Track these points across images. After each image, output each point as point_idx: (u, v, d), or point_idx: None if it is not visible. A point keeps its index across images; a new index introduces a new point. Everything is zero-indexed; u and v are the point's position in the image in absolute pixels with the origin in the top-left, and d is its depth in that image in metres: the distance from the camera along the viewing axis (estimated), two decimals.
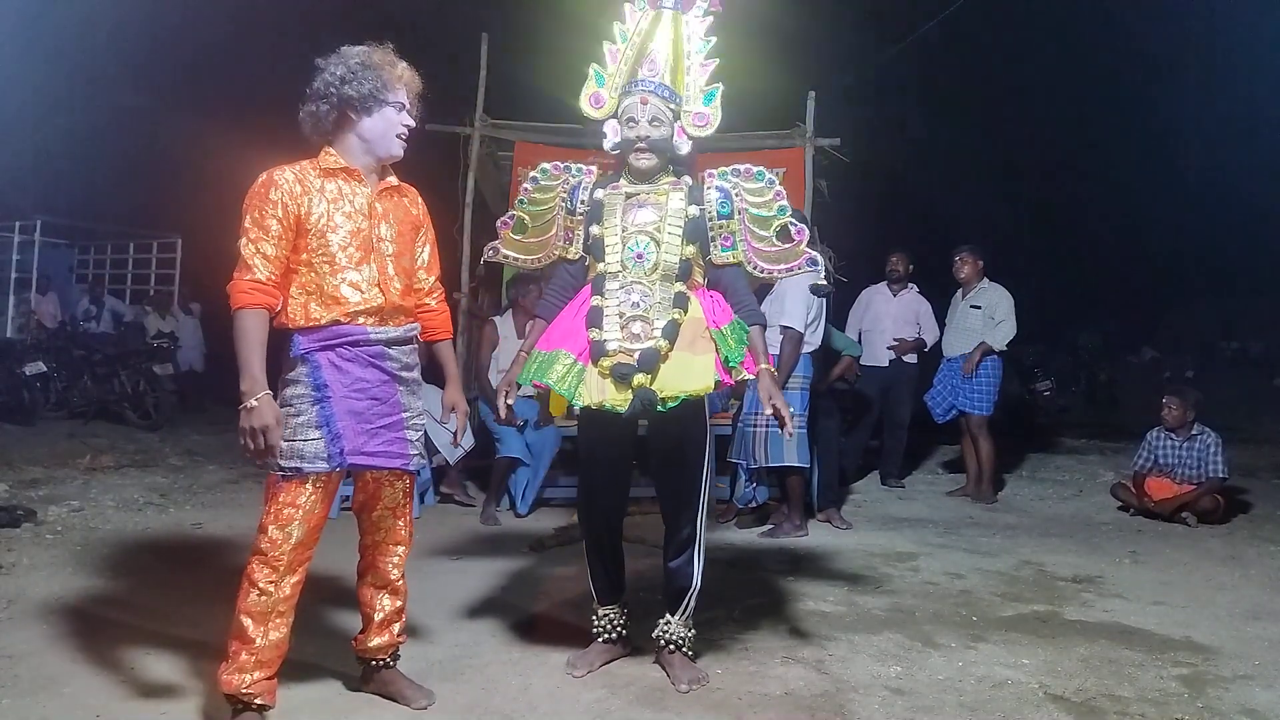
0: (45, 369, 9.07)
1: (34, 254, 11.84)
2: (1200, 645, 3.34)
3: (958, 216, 16.27)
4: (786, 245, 2.87)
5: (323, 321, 2.41)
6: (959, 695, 2.83)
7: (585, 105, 2.96)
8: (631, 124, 2.82)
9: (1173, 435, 5.77)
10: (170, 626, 3.23)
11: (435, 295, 2.76)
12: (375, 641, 2.69)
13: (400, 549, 2.69)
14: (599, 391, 2.75)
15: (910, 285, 6.82)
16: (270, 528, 2.37)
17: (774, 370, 2.88)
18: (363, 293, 2.44)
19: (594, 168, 3.02)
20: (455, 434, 2.80)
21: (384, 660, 2.72)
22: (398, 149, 2.54)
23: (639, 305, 2.80)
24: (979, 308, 6.30)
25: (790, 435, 2.85)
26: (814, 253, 2.92)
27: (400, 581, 2.71)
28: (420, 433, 2.62)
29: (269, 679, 2.44)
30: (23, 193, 12.05)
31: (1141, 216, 22.51)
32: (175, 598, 3.60)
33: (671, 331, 2.76)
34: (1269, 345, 19.38)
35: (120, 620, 3.33)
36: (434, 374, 2.92)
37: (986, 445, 6.26)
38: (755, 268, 2.91)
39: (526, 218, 3.06)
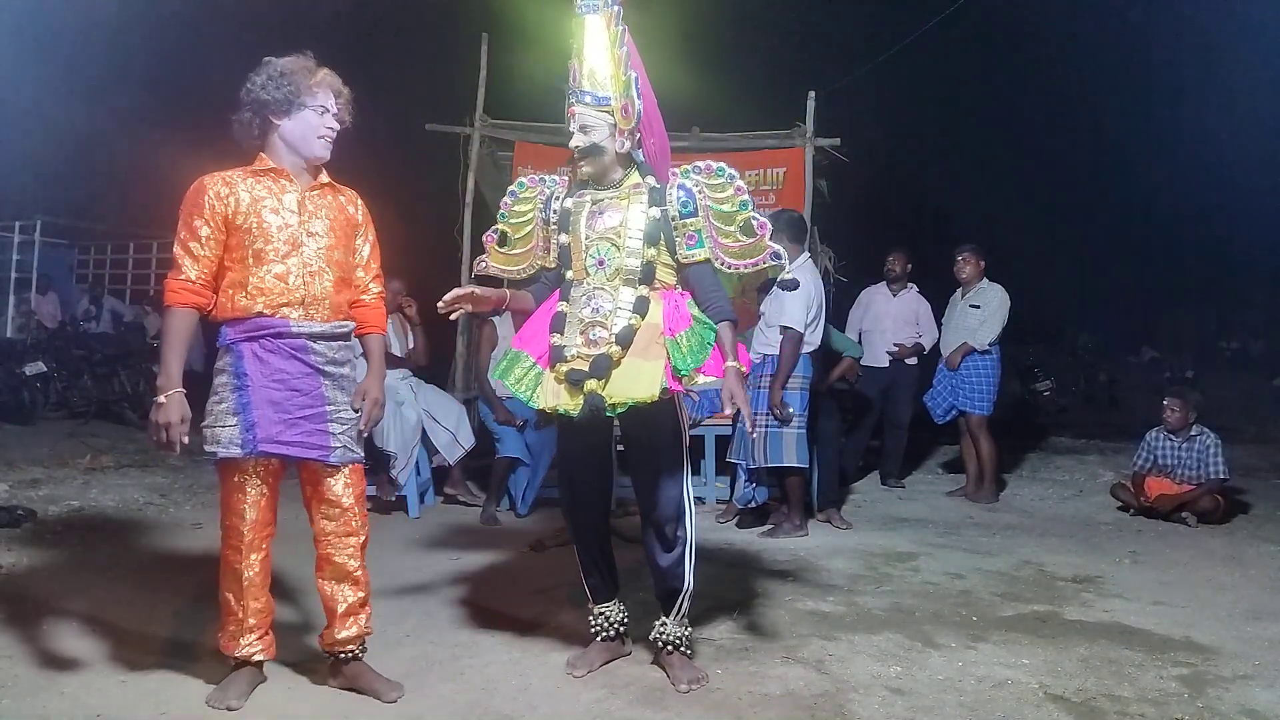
0: (45, 369, 9.06)
1: (34, 254, 11.85)
2: (1200, 645, 3.34)
3: (958, 216, 16.27)
4: (750, 240, 2.86)
5: (248, 313, 2.54)
6: (959, 695, 2.83)
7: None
8: (571, 136, 2.88)
9: (1172, 435, 5.77)
10: (171, 626, 3.24)
11: (371, 293, 2.82)
12: (341, 634, 2.71)
13: (354, 539, 2.70)
14: (554, 396, 2.82)
15: (910, 285, 6.82)
16: (228, 514, 2.60)
17: (741, 368, 2.83)
18: (287, 285, 2.56)
19: (566, 177, 3.05)
20: (362, 424, 2.69)
21: (351, 653, 2.74)
22: (319, 149, 2.63)
23: (599, 311, 2.84)
24: (978, 308, 6.29)
25: (753, 434, 2.88)
26: (776, 246, 2.90)
27: (359, 572, 2.73)
28: (347, 426, 2.64)
29: (261, 637, 2.67)
30: (23, 193, 12.04)
31: (1142, 216, 22.51)
32: (175, 597, 3.60)
33: (626, 337, 2.77)
34: (1269, 345, 19.38)
35: (120, 620, 3.33)
36: (433, 375, 2.94)
37: (986, 445, 6.26)
38: (722, 264, 2.90)
39: (509, 230, 3.15)
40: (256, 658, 2.65)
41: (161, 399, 2.46)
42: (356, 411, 2.66)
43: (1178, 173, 20.73)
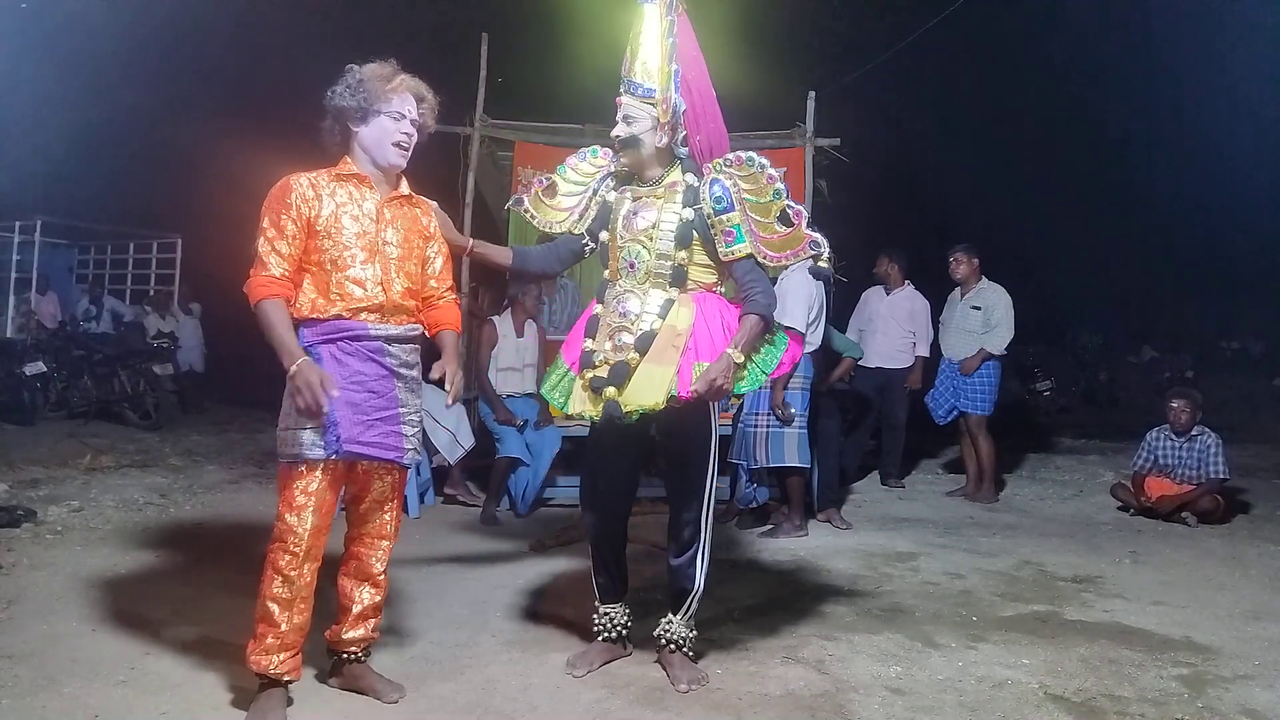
0: (45, 369, 9.06)
1: (34, 254, 11.83)
2: (1200, 645, 3.34)
3: (958, 216, 16.25)
4: (788, 230, 2.80)
5: (327, 315, 2.53)
6: (959, 695, 2.83)
7: None
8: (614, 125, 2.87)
9: (1173, 435, 5.77)
10: (170, 626, 3.24)
11: (447, 298, 2.84)
12: (351, 634, 2.72)
13: (385, 543, 2.74)
14: (580, 401, 2.85)
15: (907, 284, 6.82)
16: (286, 515, 2.50)
17: (735, 356, 2.75)
18: (365, 290, 2.56)
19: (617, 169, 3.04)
20: (449, 400, 2.74)
21: (356, 654, 2.74)
22: (394, 157, 2.62)
23: (626, 314, 2.84)
24: (978, 308, 6.29)
25: (719, 421, 2.88)
26: (815, 234, 2.83)
27: (382, 576, 2.75)
28: (416, 429, 2.69)
29: (294, 656, 2.56)
30: (23, 193, 12.03)
31: (1142, 216, 22.50)
32: (175, 598, 3.60)
33: (645, 343, 2.78)
34: (1269, 345, 19.38)
35: (120, 620, 3.33)
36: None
37: (986, 445, 6.26)
38: (765, 257, 2.84)
39: (560, 182, 3.12)
40: (286, 678, 2.55)
41: (294, 368, 2.42)
42: (448, 407, 2.78)
43: (1178, 172, 20.73)
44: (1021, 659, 3.15)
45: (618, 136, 2.86)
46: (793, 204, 2.83)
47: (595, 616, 3.07)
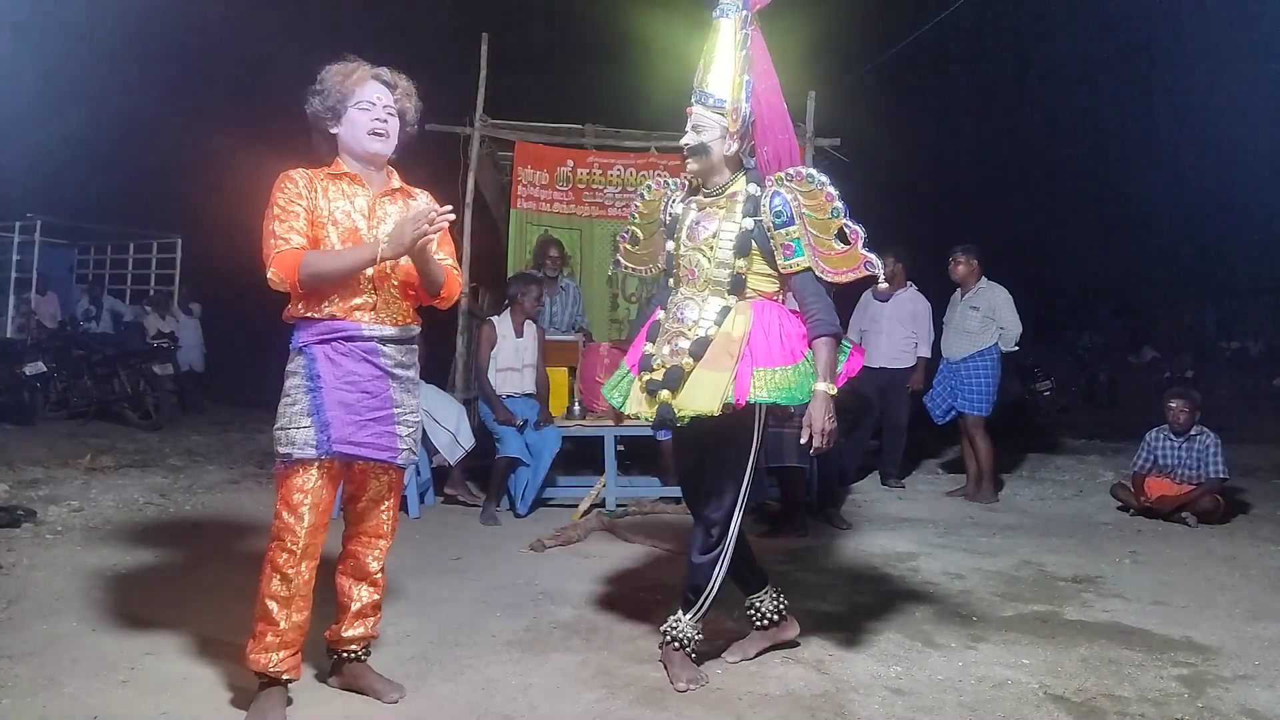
0: (45, 369, 9.06)
1: (34, 254, 11.83)
2: (1200, 645, 3.34)
3: (958, 216, 16.27)
4: (845, 248, 2.81)
5: (321, 314, 2.53)
6: (959, 695, 2.83)
7: None
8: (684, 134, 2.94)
9: (1172, 435, 5.77)
10: (170, 626, 3.23)
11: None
12: (349, 632, 2.72)
13: (381, 542, 2.74)
14: (637, 403, 2.93)
15: (909, 284, 6.82)
16: (284, 514, 2.50)
17: (830, 390, 2.76)
18: (358, 288, 2.55)
19: (685, 180, 3.09)
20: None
21: (354, 653, 2.74)
22: (372, 145, 2.60)
23: (684, 320, 2.90)
24: (977, 308, 6.29)
25: (814, 449, 2.86)
26: (870, 255, 2.80)
27: (379, 575, 2.75)
28: (412, 429, 2.68)
29: (293, 655, 2.55)
30: (23, 193, 12.04)
31: (1142, 217, 22.52)
32: (175, 598, 3.60)
33: (699, 349, 2.81)
34: (1269, 345, 19.40)
35: (120, 620, 3.33)
36: (433, 374, 2.94)
37: (984, 445, 6.26)
38: (823, 272, 2.84)
39: (639, 231, 3.30)
40: (285, 677, 2.53)
41: (382, 248, 2.44)
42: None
43: (1178, 173, 20.75)
44: (1021, 659, 3.15)
45: (686, 144, 2.91)
46: (850, 223, 2.82)
47: (748, 610, 3.13)
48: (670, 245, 3.03)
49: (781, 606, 3.14)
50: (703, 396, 2.76)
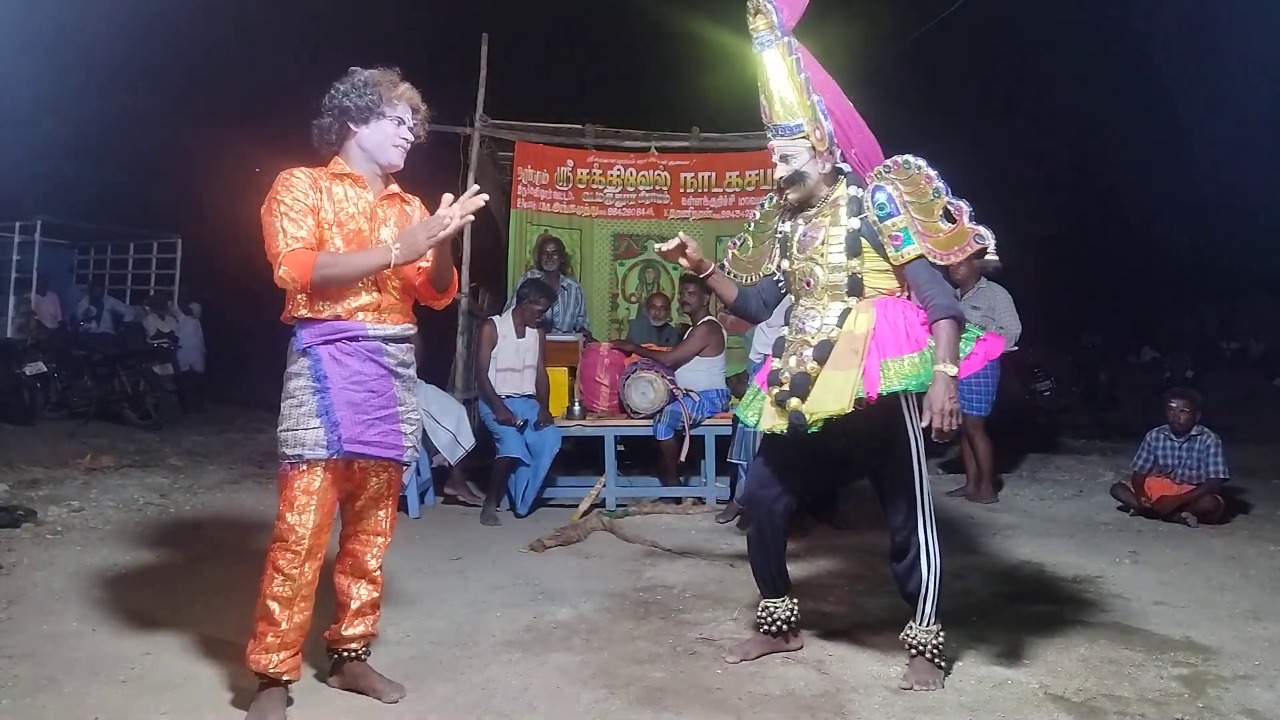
0: (45, 369, 9.07)
1: (34, 254, 11.84)
2: (1200, 645, 3.34)
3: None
4: (953, 227, 2.78)
5: (324, 315, 2.53)
6: (959, 695, 2.83)
7: None
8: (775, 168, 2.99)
9: (1172, 435, 5.77)
10: (170, 626, 3.23)
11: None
12: (349, 631, 2.73)
13: (380, 540, 2.75)
14: (769, 417, 2.93)
15: None
16: (288, 515, 2.50)
17: (950, 372, 2.70)
18: (362, 289, 2.56)
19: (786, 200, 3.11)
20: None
21: (356, 652, 2.75)
22: (395, 158, 2.67)
23: (806, 330, 2.92)
24: (977, 308, 6.29)
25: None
26: (980, 228, 2.77)
27: (378, 573, 2.76)
28: (415, 426, 2.70)
29: (294, 656, 2.56)
30: (23, 193, 12.04)
31: (1142, 217, 22.52)
32: (175, 598, 3.60)
33: (823, 352, 2.82)
34: (1269, 345, 19.40)
35: (120, 620, 3.33)
36: (432, 374, 2.94)
37: (983, 445, 6.25)
38: (935, 256, 2.82)
39: (750, 239, 3.36)
40: (286, 677, 2.54)
41: (394, 252, 2.46)
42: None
43: (1178, 173, 20.74)
44: (1021, 659, 3.14)
45: (781, 177, 2.94)
46: (953, 200, 2.80)
47: (759, 610, 3.14)
48: (785, 264, 3.05)
49: (794, 619, 3.14)
50: (830, 397, 2.75)
